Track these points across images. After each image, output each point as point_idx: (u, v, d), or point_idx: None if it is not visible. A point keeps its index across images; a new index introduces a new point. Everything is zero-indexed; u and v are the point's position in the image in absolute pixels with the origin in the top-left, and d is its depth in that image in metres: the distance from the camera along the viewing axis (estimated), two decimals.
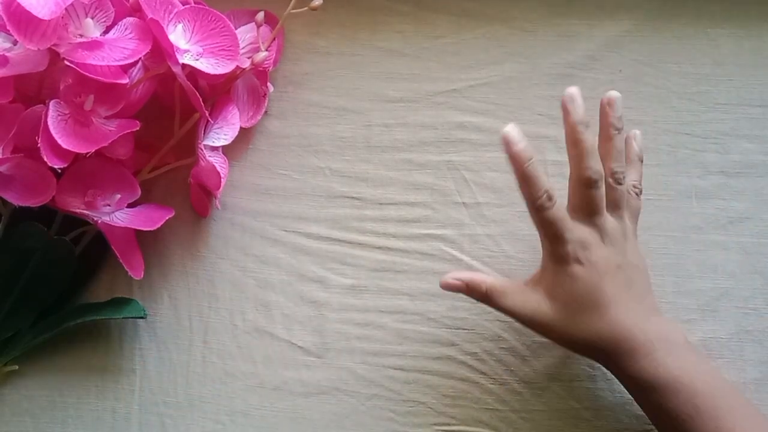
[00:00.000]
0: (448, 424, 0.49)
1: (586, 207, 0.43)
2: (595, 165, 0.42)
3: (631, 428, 0.47)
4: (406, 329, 0.50)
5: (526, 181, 0.41)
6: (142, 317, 0.49)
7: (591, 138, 0.42)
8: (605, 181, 0.43)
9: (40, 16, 0.40)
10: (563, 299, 0.42)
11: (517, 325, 0.49)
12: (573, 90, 0.42)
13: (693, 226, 0.49)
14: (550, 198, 0.41)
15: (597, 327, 0.42)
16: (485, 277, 0.44)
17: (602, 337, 0.42)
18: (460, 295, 0.49)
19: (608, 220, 0.43)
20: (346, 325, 0.50)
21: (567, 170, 0.50)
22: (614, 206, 0.43)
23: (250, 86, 0.51)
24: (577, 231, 0.42)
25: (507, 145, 0.41)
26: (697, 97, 0.51)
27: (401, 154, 0.51)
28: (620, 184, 0.43)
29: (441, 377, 0.49)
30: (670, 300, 0.49)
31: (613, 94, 0.44)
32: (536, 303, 0.43)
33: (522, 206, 0.50)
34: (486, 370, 0.49)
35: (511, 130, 0.41)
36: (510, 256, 0.50)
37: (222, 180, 0.48)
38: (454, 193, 0.51)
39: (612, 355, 0.42)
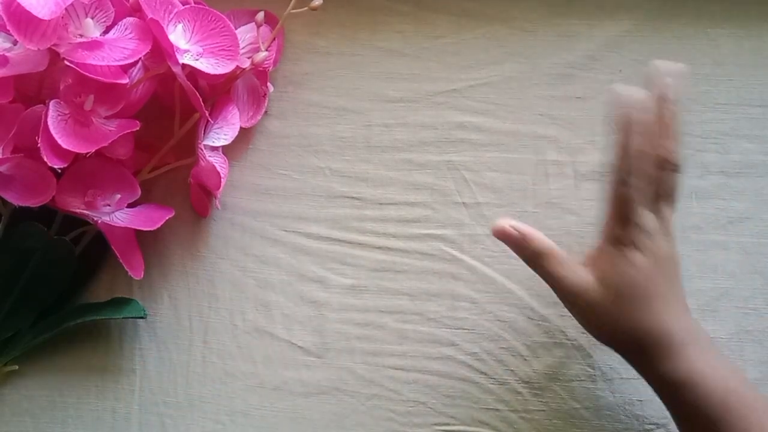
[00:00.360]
0: (448, 424, 0.49)
1: (659, 191, 0.41)
2: (678, 149, 0.41)
3: (631, 428, 0.47)
4: (406, 329, 0.50)
5: (629, 152, 0.40)
6: (142, 317, 0.49)
7: (680, 120, 0.41)
8: None
9: (40, 16, 0.40)
10: (617, 285, 0.41)
11: (518, 325, 0.49)
12: (679, 66, 0.41)
13: (693, 226, 0.49)
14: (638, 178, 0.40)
15: (644, 319, 0.41)
16: (541, 236, 0.43)
17: (645, 330, 0.41)
18: (460, 295, 0.50)
19: (668, 208, 0.42)
20: (346, 325, 0.50)
21: (568, 170, 0.50)
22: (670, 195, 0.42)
23: (250, 86, 0.51)
24: (646, 217, 0.41)
25: (626, 107, 0.40)
26: (697, 97, 0.51)
27: (401, 154, 0.51)
28: (678, 171, 0.42)
29: (441, 377, 0.49)
30: None
31: (678, 66, 0.42)
32: (586, 283, 0.41)
33: (522, 206, 0.50)
34: (486, 370, 0.49)
35: (634, 93, 0.40)
36: (510, 256, 0.49)
37: (222, 180, 0.48)
38: (454, 193, 0.51)
39: (648, 350, 0.41)
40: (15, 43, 0.43)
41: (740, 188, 0.50)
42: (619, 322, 0.41)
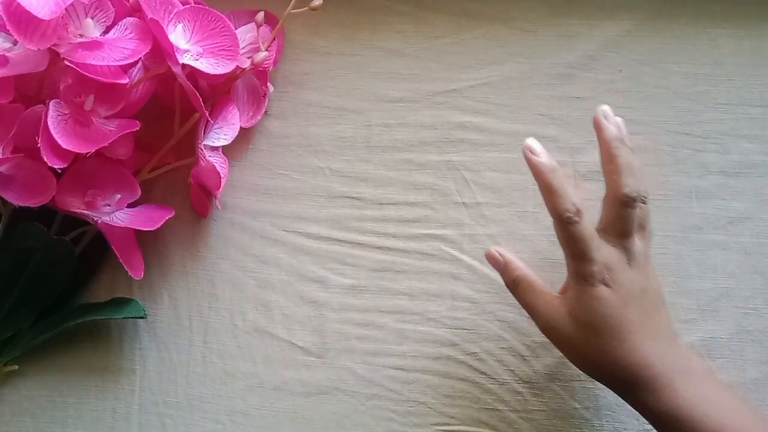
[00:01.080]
0: (448, 424, 0.49)
1: (619, 227, 0.41)
2: (634, 182, 0.40)
3: (631, 428, 0.47)
4: (406, 329, 0.50)
5: (551, 193, 0.40)
6: (142, 317, 0.49)
7: (627, 154, 0.41)
8: None
9: (40, 16, 0.40)
10: (585, 320, 0.40)
11: (518, 324, 0.49)
12: (605, 107, 0.42)
13: (693, 226, 0.49)
14: (578, 212, 0.40)
15: (617, 353, 0.40)
16: (522, 266, 0.44)
17: (622, 364, 0.40)
18: (460, 295, 0.50)
19: (636, 241, 0.41)
20: (346, 325, 0.50)
21: (568, 171, 0.50)
22: (639, 226, 0.42)
23: (250, 86, 0.51)
24: (604, 251, 0.40)
25: (528, 155, 0.40)
26: (697, 97, 0.51)
27: (401, 154, 0.51)
28: (645, 203, 0.42)
29: (441, 377, 0.49)
30: (670, 300, 0.48)
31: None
32: (559, 316, 0.41)
33: (522, 206, 0.50)
34: (486, 370, 0.49)
35: (532, 141, 0.41)
36: None
37: (222, 180, 0.48)
38: (454, 193, 0.51)
39: (631, 385, 0.40)
40: (15, 43, 0.43)
41: (740, 188, 0.50)
42: (595, 357, 0.41)
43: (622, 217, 0.41)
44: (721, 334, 0.48)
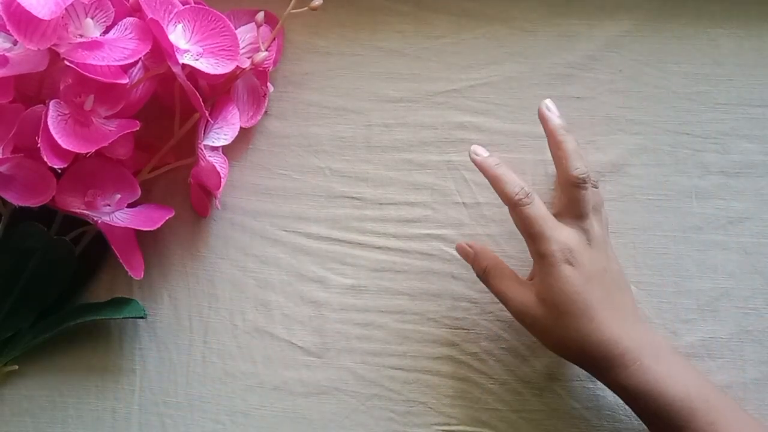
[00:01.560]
0: (448, 424, 0.49)
1: (574, 209, 0.43)
2: (582, 165, 0.43)
3: (631, 428, 0.47)
4: (406, 329, 0.50)
5: (498, 181, 0.43)
6: (142, 317, 0.49)
7: (572, 140, 0.43)
8: None
9: (40, 16, 0.40)
10: (553, 301, 0.41)
11: (517, 324, 0.49)
12: (547, 101, 0.45)
13: (693, 226, 0.49)
14: (527, 194, 0.42)
15: (585, 331, 0.41)
16: (492, 256, 0.45)
17: (591, 341, 0.41)
18: (460, 295, 0.50)
19: (593, 223, 0.43)
20: (346, 325, 0.50)
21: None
22: (594, 210, 0.43)
23: (250, 86, 0.51)
24: (564, 232, 0.42)
25: (473, 157, 0.44)
26: (697, 97, 0.51)
27: (401, 154, 0.51)
28: (596, 187, 0.44)
29: (441, 377, 0.49)
30: (670, 300, 0.49)
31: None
32: (529, 300, 0.42)
33: None
34: (486, 370, 0.49)
35: (476, 147, 0.44)
36: (510, 256, 0.50)
37: (222, 180, 0.48)
38: (454, 193, 0.51)
39: (601, 362, 0.41)
40: (15, 43, 0.43)
41: (740, 188, 0.50)
42: (565, 337, 0.42)
43: (576, 199, 0.42)
44: (721, 334, 0.48)
